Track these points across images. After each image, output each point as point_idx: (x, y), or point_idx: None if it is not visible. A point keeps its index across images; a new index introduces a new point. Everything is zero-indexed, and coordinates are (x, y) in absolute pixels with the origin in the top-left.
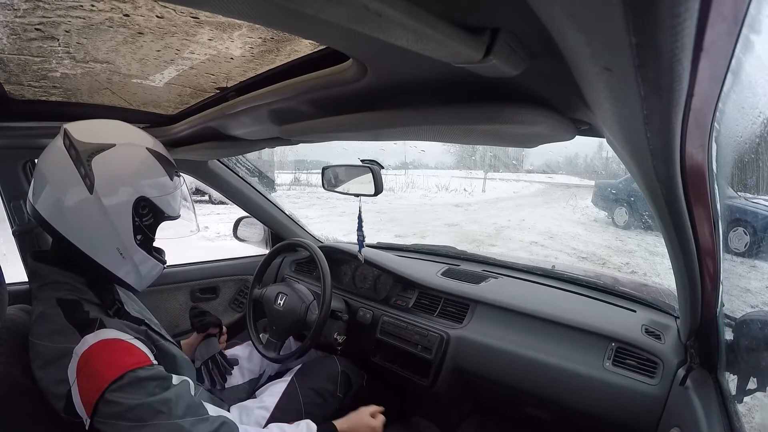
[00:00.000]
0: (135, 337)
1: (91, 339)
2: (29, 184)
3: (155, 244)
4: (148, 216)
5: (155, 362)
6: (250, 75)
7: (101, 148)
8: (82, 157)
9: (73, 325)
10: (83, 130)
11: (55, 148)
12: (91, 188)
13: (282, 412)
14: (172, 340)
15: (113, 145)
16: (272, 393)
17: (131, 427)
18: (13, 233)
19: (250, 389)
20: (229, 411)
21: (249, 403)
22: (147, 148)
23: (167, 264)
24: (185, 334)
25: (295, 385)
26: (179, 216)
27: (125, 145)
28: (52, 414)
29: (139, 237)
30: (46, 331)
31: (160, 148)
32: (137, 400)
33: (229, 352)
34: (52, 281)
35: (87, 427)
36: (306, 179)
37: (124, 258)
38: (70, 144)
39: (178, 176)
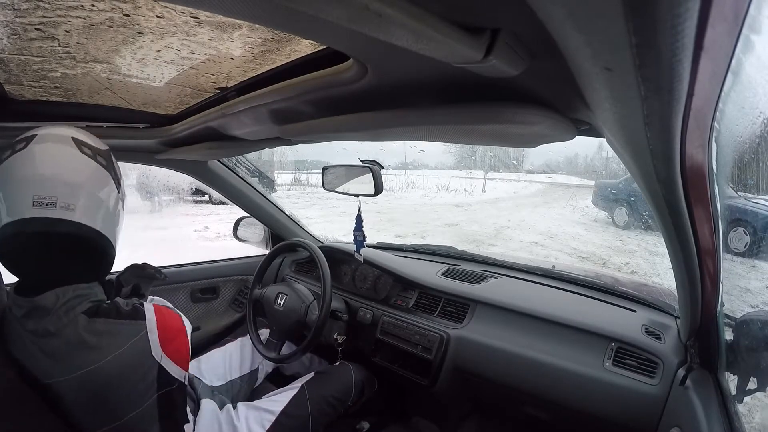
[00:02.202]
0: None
1: (149, 315)
2: None
3: None
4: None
5: None
6: (251, 75)
7: (108, 151)
8: (107, 161)
9: (125, 318)
10: (89, 136)
11: (76, 157)
12: (118, 187)
13: (288, 418)
14: None
15: (108, 147)
16: (280, 399)
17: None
18: None
19: (245, 384)
20: (234, 407)
21: (256, 403)
22: None
23: (167, 264)
24: None
25: (304, 392)
26: None
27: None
28: (50, 415)
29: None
30: (89, 346)
31: None
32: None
33: (222, 349)
34: (60, 305)
35: (185, 381)
36: (306, 179)
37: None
38: (94, 153)
39: None
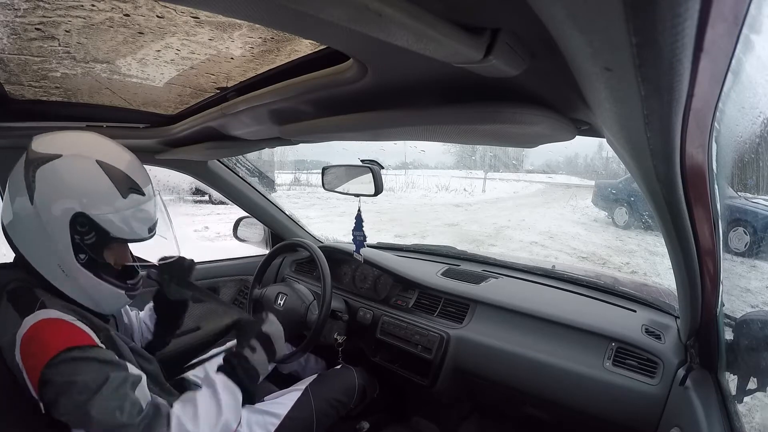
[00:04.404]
0: (78, 320)
1: (30, 320)
2: None
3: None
4: (89, 234)
5: (100, 345)
6: (251, 75)
7: (48, 159)
8: (30, 166)
9: (17, 310)
10: (43, 141)
11: (22, 158)
12: (32, 199)
13: (293, 421)
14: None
15: (59, 156)
16: (284, 402)
17: (74, 404)
18: None
19: None
20: None
21: (258, 406)
22: (96, 161)
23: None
24: (185, 334)
25: (309, 395)
26: (138, 238)
27: (71, 157)
28: (49, 415)
29: (81, 256)
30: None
31: (122, 163)
32: (68, 378)
33: (222, 348)
34: (4, 283)
35: (44, 411)
36: (306, 179)
37: (67, 276)
38: (30, 159)
39: (141, 195)
